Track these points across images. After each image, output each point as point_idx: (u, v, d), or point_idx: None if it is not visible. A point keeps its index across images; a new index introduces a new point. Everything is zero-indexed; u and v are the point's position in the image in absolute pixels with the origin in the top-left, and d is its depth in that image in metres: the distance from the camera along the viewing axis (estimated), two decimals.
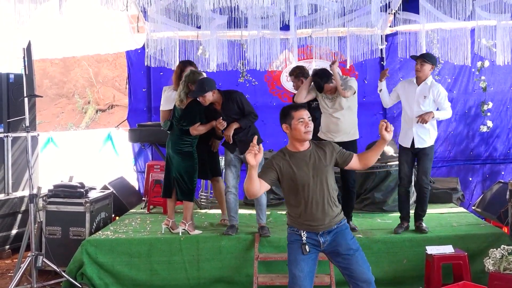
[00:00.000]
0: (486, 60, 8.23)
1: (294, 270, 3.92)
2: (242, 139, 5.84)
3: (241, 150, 5.81)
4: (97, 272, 5.74)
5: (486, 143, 8.60)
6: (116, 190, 7.66)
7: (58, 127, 16.17)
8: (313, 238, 3.97)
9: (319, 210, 3.95)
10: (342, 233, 4.01)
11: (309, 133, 3.98)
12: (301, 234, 3.98)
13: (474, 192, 8.61)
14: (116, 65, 17.29)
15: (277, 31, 7.78)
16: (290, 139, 4.08)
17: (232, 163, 5.92)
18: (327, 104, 6.00)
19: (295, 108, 4.08)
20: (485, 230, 5.94)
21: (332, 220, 3.99)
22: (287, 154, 4.04)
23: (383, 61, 8.65)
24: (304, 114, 4.01)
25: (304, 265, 3.92)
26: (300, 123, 3.97)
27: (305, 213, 3.97)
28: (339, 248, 3.96)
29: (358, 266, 3.91)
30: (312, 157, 4.00)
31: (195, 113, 5.89)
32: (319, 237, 3.97)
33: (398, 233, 5.86)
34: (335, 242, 3.98)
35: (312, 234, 3.98)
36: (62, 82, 17.58)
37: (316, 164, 3.97)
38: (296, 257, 3.95)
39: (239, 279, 5.71)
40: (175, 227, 6.08)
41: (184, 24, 7.90)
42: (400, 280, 5.61)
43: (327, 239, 3.98)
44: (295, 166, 3.96)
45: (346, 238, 4.00)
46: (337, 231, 4.00)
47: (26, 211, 6.87)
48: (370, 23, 7.65)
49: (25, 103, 5.73)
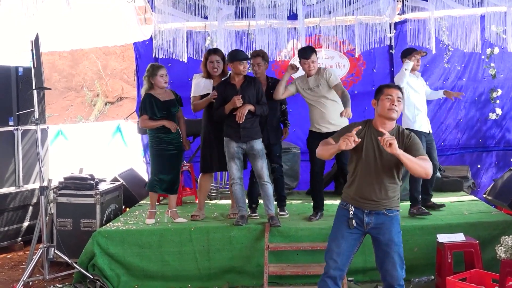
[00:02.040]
0: (496, 47, 8.17)
1: (331, 243, 4.00)
2: (247, 126, 5.81)
3: (243, 137, 5.80)
4: (108, 263, 5.76)
5: (496, 131, 8.54)
6: (126, 181, 7.69)
7: (68, 120, 16.23)
8: (359, 216, 3.96)
9: (371, 189, 3.93)
10: (390, 223, 3.97)
11: (392, 111, 3.91)
12: (348, 208, 3.99)
13: (485, 179, 8.56)
14: (124, 57, 17.30)
15: (284, 21, 7.74)
16: (376, 115, 4.03)
17: (236, 155, 5.89)
18: (309, 94, 6.03)
19: (388, 86, 4.07)
20: (496, 218, 5.92)
21: (381, 203, 3.94)
22: (368, 126, 4.01)
23: (391, 50, 8.59)
24: (394, 93, 3.96)
25: (342, 242, 3.95)
26: (387, 99, 3.94)
27: (358, 187, 3.97)
28: (380, 237, 3.95)
29: (390, 261, 3.90)
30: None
31: (143, 105, 6.04)
32: (364, 216, 3.95)
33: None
34: (379, 229, 3.95)
35: (358, 211, 3.96)
36: (70, 75, 17.62)
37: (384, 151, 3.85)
38: (337, 233, 3.99)
39: (250, 269, 5.72)
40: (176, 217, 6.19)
41: (191, 15, 7.88)
42: (411, 269, 5.57)
43: (371, 220, 3.95)
44: (367, 142, 3.94)
45: (392, 230, 3.96)
46: (385, 218, 3.95)
47: (37, 203, 6.91)
48: (379, 11, 7.60)
49: (34, 95, 5.74)
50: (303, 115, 8.55)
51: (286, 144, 7.51)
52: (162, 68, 6.09)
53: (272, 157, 6.24)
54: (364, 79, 8.69)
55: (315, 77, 6.02)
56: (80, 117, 16.55)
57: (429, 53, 8.12)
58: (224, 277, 5.75)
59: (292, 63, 6.36)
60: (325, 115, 5.95)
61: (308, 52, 6.02)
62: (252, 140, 5.81)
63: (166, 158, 6.10)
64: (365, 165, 3.94)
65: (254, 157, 5.84)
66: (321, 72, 6.03)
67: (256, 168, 5.89)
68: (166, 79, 6.10)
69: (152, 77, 6.03)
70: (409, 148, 3.87)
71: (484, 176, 8.60)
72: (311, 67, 5.97)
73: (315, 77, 6.02)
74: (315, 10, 7.77)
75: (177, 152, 6.16)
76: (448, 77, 8.55)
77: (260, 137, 5.90)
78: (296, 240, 5.66)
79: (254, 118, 5.86)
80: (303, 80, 6.13)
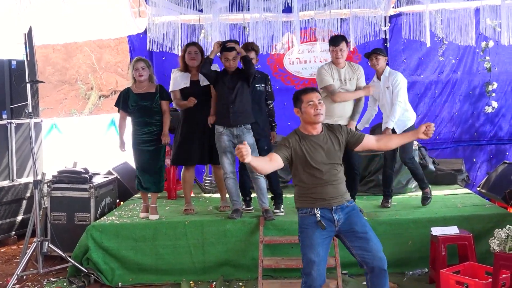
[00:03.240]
0: (491, 40, 8.16)
1: (310, 255, 3.89)
2: (236, 110, 5.77)
3: (232, 121, 5.77)
4: (102, 257, 5.76)
5: (491, 124, 8.55)
6: (120, 175, 7.67)
7: (62, 114, 16.18)
8: (327, 216, 3.97)
9: (331, 187, 3.99)
10: (355, 213, 4.05)
11: (319, 116, 4.02)
12: (314, 212, 3.98)
13: (479, 173, 8.58)
14: (118, 50, 17.24)
15: (279, 14, 7.72)
16: (302, 123, 4.13)
17: (228, 149, 5.86)
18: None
19: (304, 92, 4.13)
20: (490, 211, 5.93)
21: (343, 196, 4.04)
22: (300, 136, 4.08)
23: (386, 43, 8.58)
24: (314, 97, 4.04)
25: (320, 250, 3.90)
26: (309, 106, 4.02)
27: (318, 190, 3.99)
28: (355, 227, 3.96)
29: (374, 244, 3.90)
30: (326, 141, 4.05)
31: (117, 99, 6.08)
32: (333, 214, 3.97)
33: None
34: (349, 221, 3.98)
35: (326, 211, 3.98)
36: (64, 68, 17.56)
37: (329, 148, 4.03)
38: (312, 242, 3.92)
39: (245, 262, 5.72)
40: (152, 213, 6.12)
41: (185, 8, 7.85)
42: (405, 262, 5.61)
43: (340, 216, 3.98)
44: (309, 149, 4.01)
45: (360, 217, 4.05)
46: (349, 210, 4.02)
47: (31, 197, 6.89)
48: (374, 4, 7.60)
49: (28, 89, 5.72)
50: None
51: (280, 138, 7.48)
52: (139, 61, 6.04)
53: (260, 150, 6.07)
54: None
55: (347, 70, 5.94)
56: (74, 111, 16.50)
57: (424, 46, 8.13)
58: (219, 271, 5.75)
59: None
60: (335, 109, 5.85)
61: (338, 39, 5.91)
62: (243, 134, 5.78)
63: (143, 155, 6.03)
64: (319, 170, 3.99)
65: None
66: (354, 67, 5.99)
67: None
68: (142, 72, 5.99)
69: (132, 70, 6.03)
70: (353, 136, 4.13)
71: (478, 170, 8.62)
72: (339, 55, 5.86)
73: (348, 70, 5.95)
74: (310, 3, 7.76)
75: (154, 148, 6.04)
76: (442, 70, 8.55)
77: (251, 121, 5.87)
78: (291, 233, 5.66)
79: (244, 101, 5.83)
80: (332, 69, 5.95)
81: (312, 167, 3.99)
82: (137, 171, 6.15)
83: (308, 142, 4.04)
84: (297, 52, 8.65)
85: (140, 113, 5.99)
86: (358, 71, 5.96)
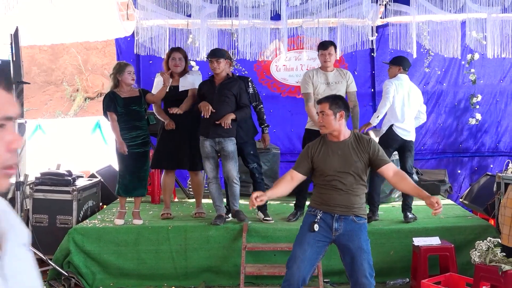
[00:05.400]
0: (476, 53, 8.24)
1: (297, 249, 3.93)
2: (217, 124, 5.72)
3: (212, 134, 5.74)
4: (83, 261, 5.72)
5: (475, 136, 8.63)
6: (104, 178, 7.63)
7: (46, 115, 16.05)
8: (327, 221, 3.95)
9: (340, 194, 3.96)
10: (359, 230, 3.97)
11: (321, 128, 4.08)
12: (317, 213, 3.99)
13: (463, 184, 8.64)
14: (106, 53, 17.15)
15: (267, 21, 7.73)
16: None
17: (210, 154, 5.84)
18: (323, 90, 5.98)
19: (319, 101, 4.19)
20: (472, 222, 5.98)
21: (351, 208, 3.96)
22: (323, 141, 4.10)
23: (373, 53, 8.64)
24: (320, 107, 4.08)
25: (307, 248, 3.90)
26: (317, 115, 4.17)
27: (326, 194, 4.00)
28: (350, 244, 3.92)
29: (361, 269, 3.86)
30: (346, 149, 4.01)
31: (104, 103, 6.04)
32: (333, 222, 3.94)
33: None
34: (349, 236, 3.93)
35: (328, 216, 3.96)
36: (50, 69, 17.42)
37: (347, 156, 3.98)
38: (302, 238, 3.95)
39: (227, 268, 5.71)
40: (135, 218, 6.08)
41: (174, 12, 7.83)
42: (387, 271, 5.63)
43: (340, 226, 3.94)
44: (326, 155, 4.01)
45: (361, 237, 3.95)
46: (354, 226, 3.95)
47: (13, 198, 6.79)
48: (361, 14, 7.62)
49: (13, 89, 5.68)
50: (283, 116, 8.60)
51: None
52: (130, 66, 6.05)
53: (245, 156, 6.11)
54: None
55: (335, 74, 6.03)
56: (59, 112, 16.38)
57: (410, 57, 8.17)
58: (201, 277, 5.74)
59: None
60: None
61: (327, 43, 6.10)
62: (224, 140, 5.75)
63: (130, 158, 5.96)
64: (332, 176, 3.98)
65: (225, 158, 5.80)
66: (343, 72, 6.09)
67: (225, 169, 5.83)
68: (134, 77, 6.04)
69: (120, 73, 5.95)
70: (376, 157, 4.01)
71: (462, 181, 8.68)
72: (327, 58, 5.98)
73: (336, 74, 6.03)
74: (298, 11, 7.77)
75: (142, 152, 6.00)
76: (428, 81, 8.62)
77: (232, 135, 5.81)
78: (274, 240, 5.67)
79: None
80: (318, 73, 6.07)
81: (324, 172, 4.00)
82: (119, 176, 6.07)
83: (327, 147, 4.04)
84: (284, 60, 8.68)
85: (128, 117, 5.95)
86: (347, 76, 6.05)
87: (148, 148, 6.08)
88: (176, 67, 6.16)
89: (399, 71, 6.22)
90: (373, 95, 8.68)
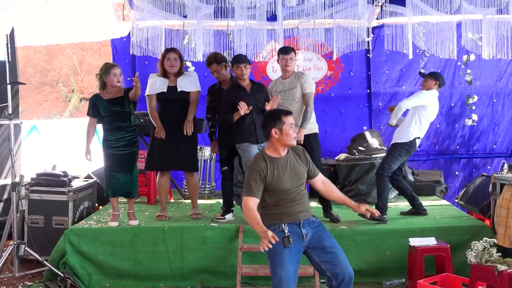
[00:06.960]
0: (472, 54, 8.26)
1: (280, 272, 3.84)
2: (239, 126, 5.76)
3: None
4: (79, 261, 5.70)
5: (471, 137, 8.65)
6: (99, 179, 7.59)
7: (42, 115, 16.02)
8: (296, 231, 3.97)
9: (299, 203, 4.05)
10: (322, 228, 4.11)
11: (295, 139, 4.14)
12: (282, 228, 3.96)
13: (459, 185, 8.65)
14: (101, 53, 17.13)
15: (264, 22, 7.74)
16: (275, 144, 4.08)
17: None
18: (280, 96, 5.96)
19: (285, 113, 4.13)
20: (467, 223, 5.99)
21: (308, 211, 4.09)
22: (268, 159, 4.05)
23: (369, 54, 8.66)
24: (292, 119, 4.10)
25: (289, 267, 3.86)
26: (291, 128, 4.04)
27: (288, 207, 4.01)
28: (324, 242, 3.99)
29: (342, 258, 3.95)
30: (292, 162, 4.09)
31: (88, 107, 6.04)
32: (302, 229, 3.98)
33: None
34: (318, 236, 4.02)
35: (294, 226, 3.98)
36: (46, 70, 17.39)
37: (296, 169, 4.08)
38: (282, 259, 3.87)
39: (223, 269, 5.71)
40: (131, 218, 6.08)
41: (170, 13, 7.83)
42: (383, 272, 5.64)
43: (308, 231, 4.00)
44: (277, 173, 4.00)
45: (327, 233, 4.10)
46: (316, 225, 4.07)
47: (9, 199, 6.77)
48: (357, 15, 7.64)
49: (8, 90, 5.66)
50: None
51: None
52: (116, 67, 6.01)
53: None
54: (342, 82, 8.74)
55: (291, 79, 6.05)
56: (54, 113, 16.36)
57: (406, 58, 8.21)
58: (197, 277, 5.73)
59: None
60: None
61: (287, 48, 6.12)
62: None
63: (116, 159, 5.94)
64: (286, 190, 4.01)
65: None
66: (299, 74, 6.07)
67: None
68: (120, 78, 5.98)
69: (105, 75, 5.93)
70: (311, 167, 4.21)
71: (459, 182, 8.69)
72: (288, 62, 5.99)
73: (292, 80, 6.05)
74: (294, 12, 7.78)
75: (128, 152, 5.97)
76: None
77: None
78: None
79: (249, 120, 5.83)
80: (277, 82, 6.19)
81: (279, 190, 4.00)
82: (106, 177, 6.04)
83: (277, 165, 4.03)
84: None
85: (111, 118, 5.93)
86: (302, 79, 6.02)
87: (136, 148, 6.05)
88: (171, 68, 6.15)
89: (435, 85, 6.24)
90: (369, 96, 8.69)
